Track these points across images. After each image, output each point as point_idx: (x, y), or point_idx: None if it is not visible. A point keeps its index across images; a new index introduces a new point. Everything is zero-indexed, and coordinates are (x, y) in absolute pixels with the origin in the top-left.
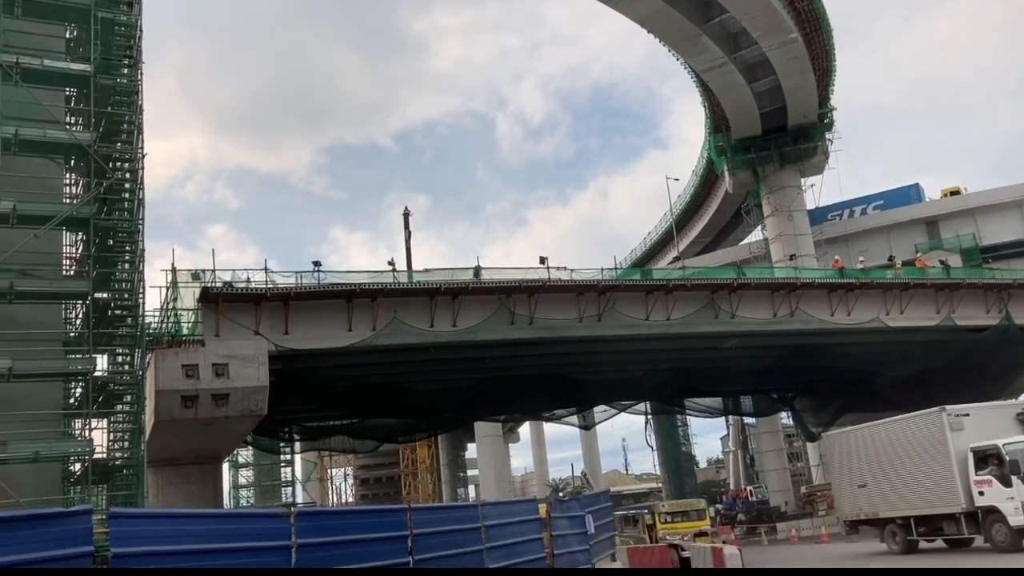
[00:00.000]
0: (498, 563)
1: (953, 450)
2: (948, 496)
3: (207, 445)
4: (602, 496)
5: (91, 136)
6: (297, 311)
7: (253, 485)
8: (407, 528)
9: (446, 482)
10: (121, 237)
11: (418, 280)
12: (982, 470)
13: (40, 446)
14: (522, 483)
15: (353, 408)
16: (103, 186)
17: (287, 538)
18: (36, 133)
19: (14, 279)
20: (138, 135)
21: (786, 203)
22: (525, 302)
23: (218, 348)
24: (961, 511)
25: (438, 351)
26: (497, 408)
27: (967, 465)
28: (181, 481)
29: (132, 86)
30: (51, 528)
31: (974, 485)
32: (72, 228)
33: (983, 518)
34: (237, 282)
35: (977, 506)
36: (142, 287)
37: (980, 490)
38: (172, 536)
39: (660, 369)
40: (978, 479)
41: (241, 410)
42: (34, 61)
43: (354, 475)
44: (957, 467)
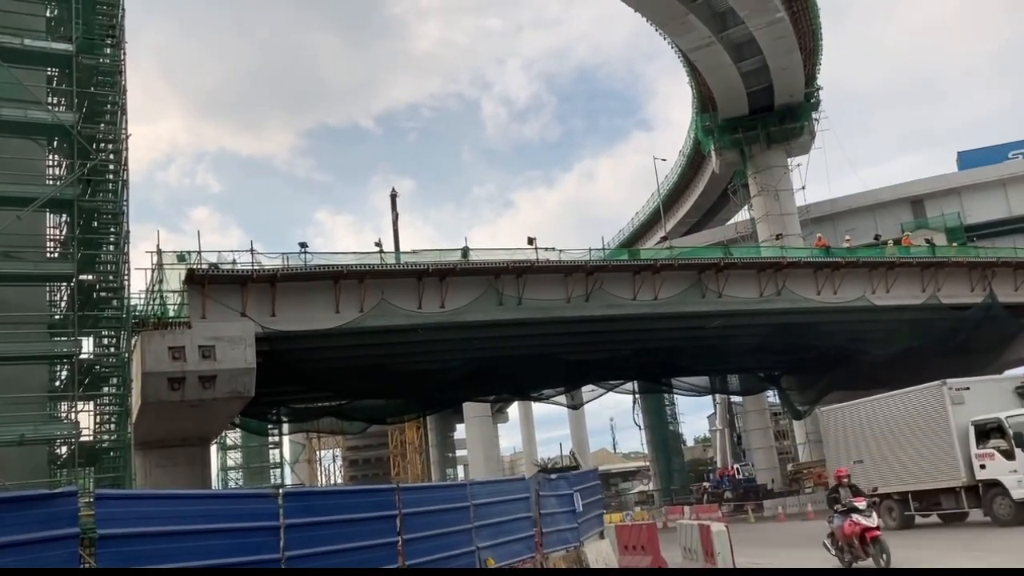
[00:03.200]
0: (487, 542)
1: (954, 424)
2: (948, 470)
3: (194, 427)
4: (590, 475)
5: (74, 117)
6: (284, 293)
7: (241, 467)
8: (396, 508)
9: (435, 463)
10: (105, 219)
11: (406, 261)
12: (983, 444)
13: (26, 429)
14: (511, 463)
15: (341, 389)
16: (87, 167)
17: (275, 518)
18: (17, 114)
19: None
20: (122, 116)
21: (772, 183)
22: (513, 283)
23: (204, 330)
24: (961, 485)
25: (426, 332)
26: (485, 388)
27: (968, 439)
28: (169, 463)
29: (115, 66)
30: (36, 510)
31: (975, 459)
32: (56, 210)
33: (984, 492)
34: (223, 264)
35: (978, 480)
36: (127, 269)
37: (982, 463)
38: (159, 517)
39: (647, 348)
40: (980, 452)
41: (228, 392)
42: (14, 40)
43: (343, 456)
44: (958, 441)
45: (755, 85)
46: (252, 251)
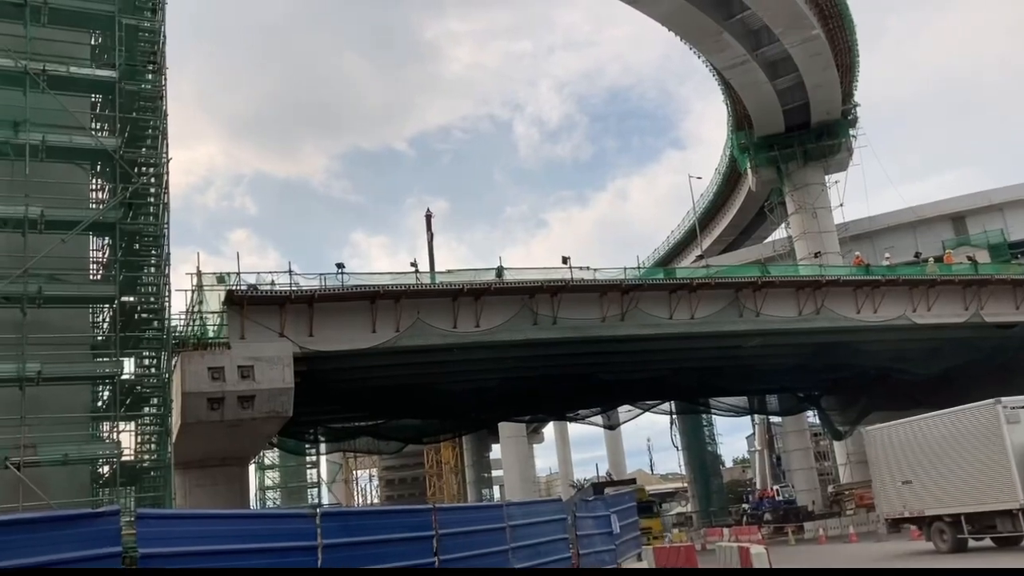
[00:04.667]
0: (524, 563)
1: (1010, 443)
2: (1003, 492)
3: (233, 447)
4: (627, 496)
5: (116, 142)
6: (321, 313)
7: (279, 487)
8: (432, 528)
9: (471, 483)
10: (147, 241)
11: (441, 281)
12: None
13: (69, 448)
14: (547, 483)
15: (377, 409)
16: (128, 191)
17: (313, 538)
18: (63, 139)
19: (42, 284)
20: (162, 140)
21: (810, 200)
22: (548, 302)
23: (243, 350)
24: (1018, 507)
25: (461, 352)
26: (521, 408)
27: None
28: (208, 483)
29: (156, 91)
30: (80, 529)
31: None
32: (98, 233)
33: None
34: (261, 285)
35: None
36: (168, 291)
37: None
38: (199, 537)
39: (684, 368)
40: None
41: (267, 412)
42: (60, 68)
43: (379, 476)
44: (1015, 461)
45: (791, 102)
46: (290, 272)
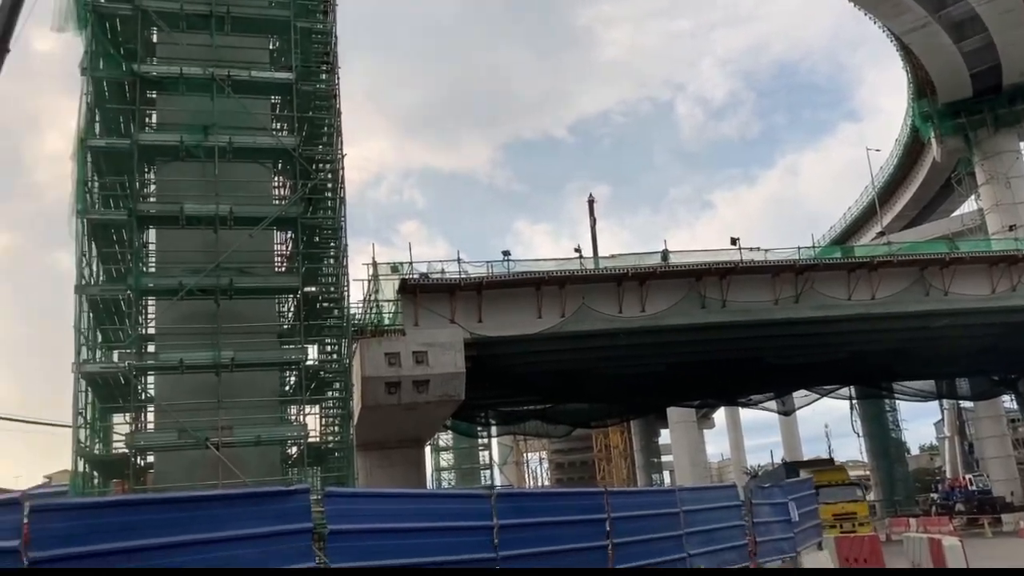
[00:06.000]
0: (697, 549)
1: None
2: None
3: (410, 429)
4: (806, 484)
5: (295, 140)
6: (489, 300)
7: (453, 468)
8: (604, 511)
9: (640, 467)
10: (325, 234)
11: (605, 266)
12: None
13: (261, 430)
14: (719, 469)
15: (545, 393)
16: (308, 187)
17: (488, 518)
18: (247, 140)
19: (233, 276)
20: (337, 137)
21: (1002, 170)
22: (716, 285)
23: (417, 336)
24: None
25: (627, 337)
26: (689, 393)
27: None
28: (387, 464)
29: (330, 90)
30: (275, 505)
31: None
32: (282, 227)
33: None
34: (432, 273)
35: None
36: (346, 281)
37: None
38: (382, 515)
39: (865, 351)
40: None
41: (440, 395)
42: (242, 73)
43: (549, 459)
44: None
45: (979, 65)
46: (459, 260)
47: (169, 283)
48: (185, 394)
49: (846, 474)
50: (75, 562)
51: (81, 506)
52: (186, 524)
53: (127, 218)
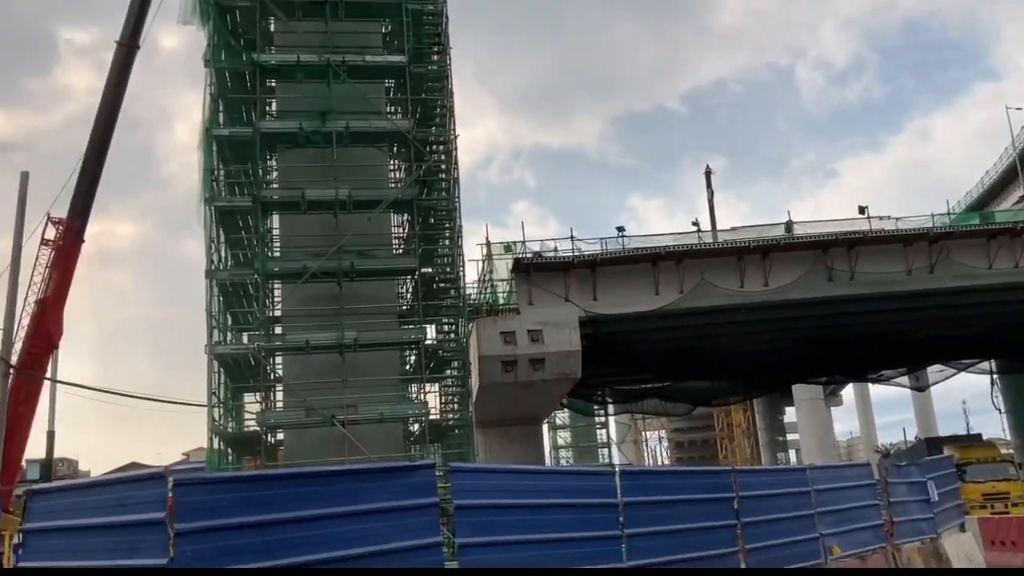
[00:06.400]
0: (830, 529)
1: None
2: None
3: (527, 407)
4: (945, 462)
5: (409, 123)
6: (604, 277)
7: (571, 446)
8: (732, 490)
9: (764, 446)
10: (440, 215)
11: (724, 239)
12: None
13: (384, 408)
14: (847, 448)
15: (663, 371)
16: (422, 169)
17: (613, 496)
18: (363, 125)
19: (354, 259)
20: (450, 118)
21: None
22: (844, 256)
23: (532, 315)
24: None
25: (749, 312)
26: (816, 370)
27: None
28: (505, 441)
29: (442, 72)
30: (402, 480)
31: None
32: (398, 210)
33: None
34: (545, 252)
35: None
36: (461, 261)
37: None
38: (505, 490)
39: (1006, 323)
40: None
41: (556, 374)
42: (357, 58)
43: (668, 438)
44: None
45: None
46: (572, 238)
47: (293, 266)
48: (311, 374)
49: (997, 451)
50: (216, 534)
51: (220, 480)
52: (319, 498)
53: (252, 204)
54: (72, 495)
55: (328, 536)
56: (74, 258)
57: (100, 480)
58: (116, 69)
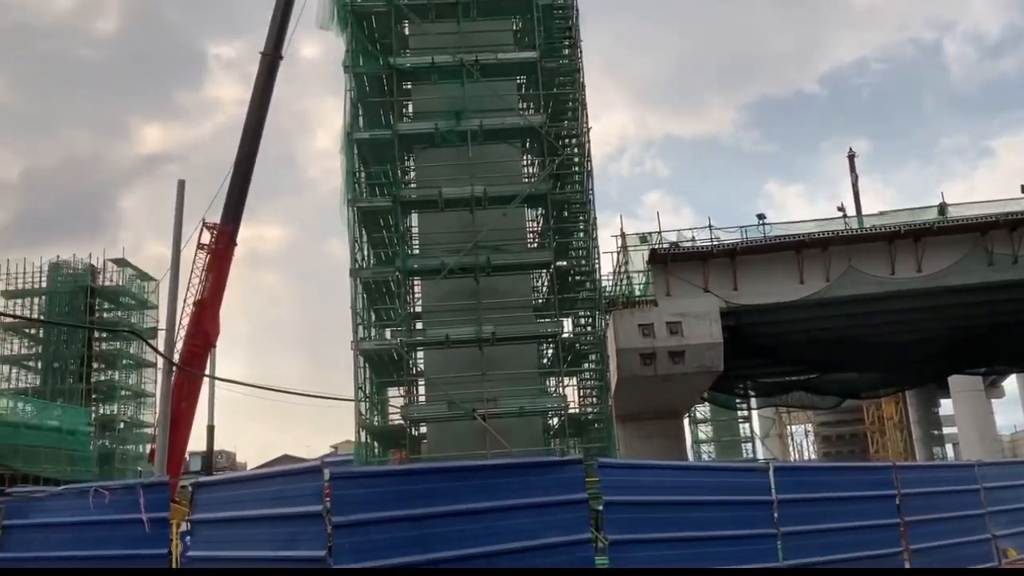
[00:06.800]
0: (1004, 530)
1: None
2: None
3: (666, 400)
4: None
5: (542, 118)
6: (744, 266)
7: (712, 440)
8: (893, 487)
9: (918, 440)
10: (574, 209)
11: (873, 224)
12: None
13: (524, 402)
14: (1011, 443)
15: (809, 363)
16: (555, 163)
17: (765, 492)
18: (496, 122)
19: (490, 254)
20: (582, 111)
21: None
22: (1006, 239)
23: (670, 307)
24: None
25: (901, 300)
26: (975, 360)
27: None
28: (645, 435)
29: (573, 65)
30: (550, 476)
31: None
32: (532, 204)
33: None
34: (682, 242)
35: None
36: (596, 253)
37: None
38: (655, 487)
39: None
40: None
41: (697, 366)
42: (490, 56)
43: (815, 432)
44: None
45: None
46: (710, 227)
47: (432, 263)
48: (452, 368)
49: None
50: (372, 527)
51: (374, 474)
52: (469, 492)
53: (391, 204)
54: (235, 487)
55: (481, 531)
56: (228, 261)
57: (260, 473)
58: (261, 79)
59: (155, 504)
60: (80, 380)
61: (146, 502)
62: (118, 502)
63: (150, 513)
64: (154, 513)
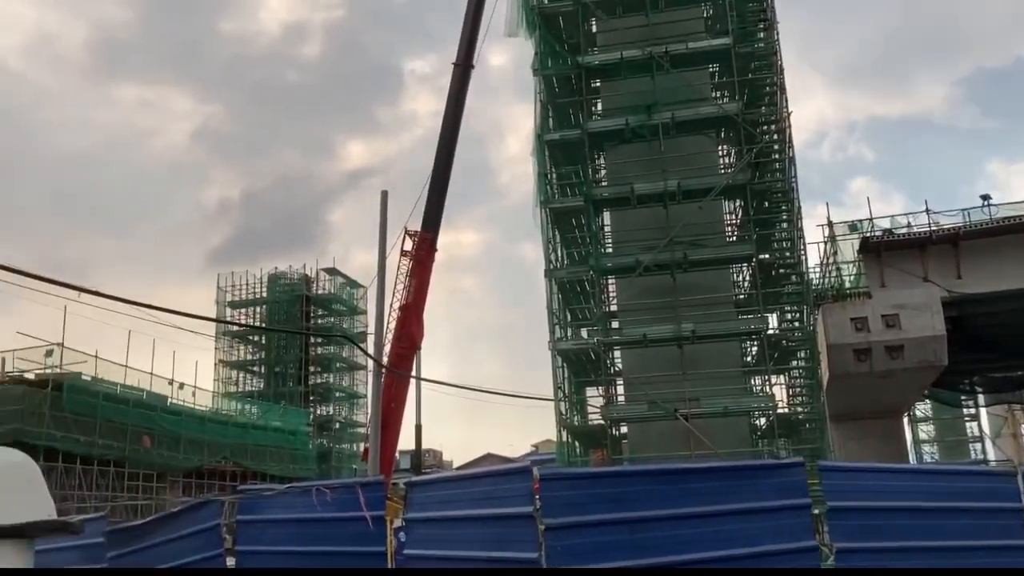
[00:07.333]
0: None
1: None
2: None
3: (883, 399)
4: None
5: (737, 106)
6: (969, 252)
7: (935, 441)
8: None
9: None
10: (776, 198)
11: None
12: None
13: (727, 401)
14: None
15: None
16: (753, 151)
17: (1015, 499)
18: (689, 113)
19: (686, 249)
20: (781, 95)
21: None
22: None
23: (885, 298)
24: None
25: None
26: None
27: None
28: (859, 435)
29: (770, 48)
30: (768, 479)
31: None
32: (730, 196)
33: None
34: (896, 229)
35: None
36: (802, 245)
37: None
38: (880, 491)
39: None
40: None
41: (917, 361)
42: (680, 47)
43: None
44: None
45: None
46: (927, 211)
47: (626, 261)
48: (650, 367)
49: None
50: (584, 530)
51: (582, 475)
52: (679, 496)
53: (583, 203)
54: (445, 487)
55: (694, 536)
56: (429, 266)
57: (470, 473)
58: (454, 89)
59: (373, 502)
60: (299, 383)
61: (365, 500)
62: (338, 500)
63: (368, 511)
64: (372, 511)
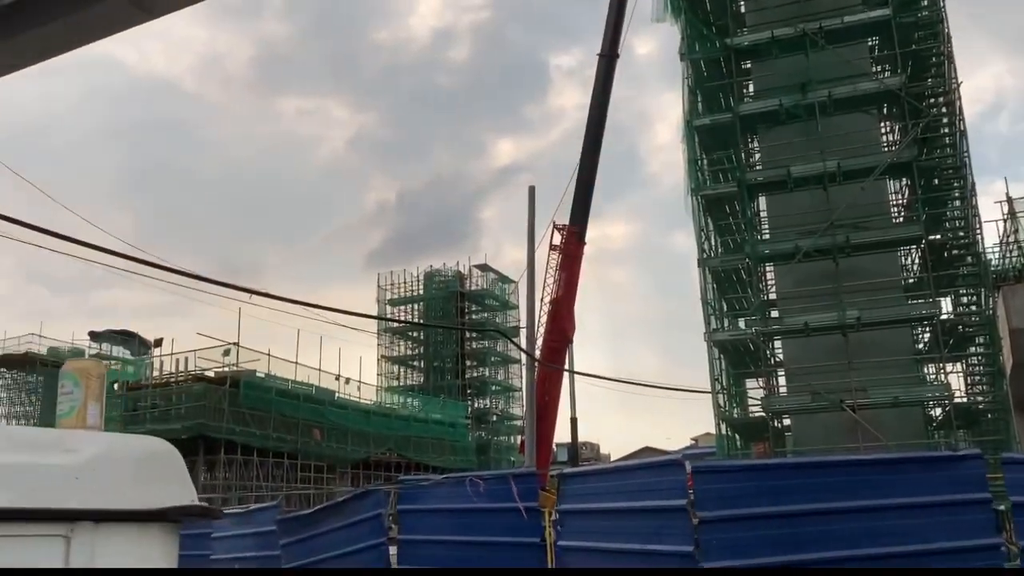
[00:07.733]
0: None
1: None
2: None
3: None
4: None
5: (900, 79)
6: None
7: None
8: None
9: None
10: (946, 175)
11: None
12: None
13: (898, 391)
14: None
15: None
16: (920, 126)
17: None
18: (847, 90)
19: (849, 233)
20: (949, 65)
21: None
22: None
23: None
24: None
25: None
26: None
27: None
28: None
29: (935, 16)
30: (942, 472)
31: None
32: (895, 175)
33: None
34: None
35: None
36: (978, 223)
37: None
38: None
39: None
40: None
41: None
42: (835, 21)
43: None
44: None
45: None
46: None
47: (784, 247)
48: (813, 356)
49: None
50: (740, 524)
51: (736, 468)
52: (844, 489)
53: (736, 189)
54: (598, 479)
55: (859, 531)
56: (578, 260)
57: (622, 465)
58: (600, 79)
59: (525, 493)
60: (456, 377)
61: (518, 491)
62: (492, 491)
63: (521, 502)
64: (525, 502)
